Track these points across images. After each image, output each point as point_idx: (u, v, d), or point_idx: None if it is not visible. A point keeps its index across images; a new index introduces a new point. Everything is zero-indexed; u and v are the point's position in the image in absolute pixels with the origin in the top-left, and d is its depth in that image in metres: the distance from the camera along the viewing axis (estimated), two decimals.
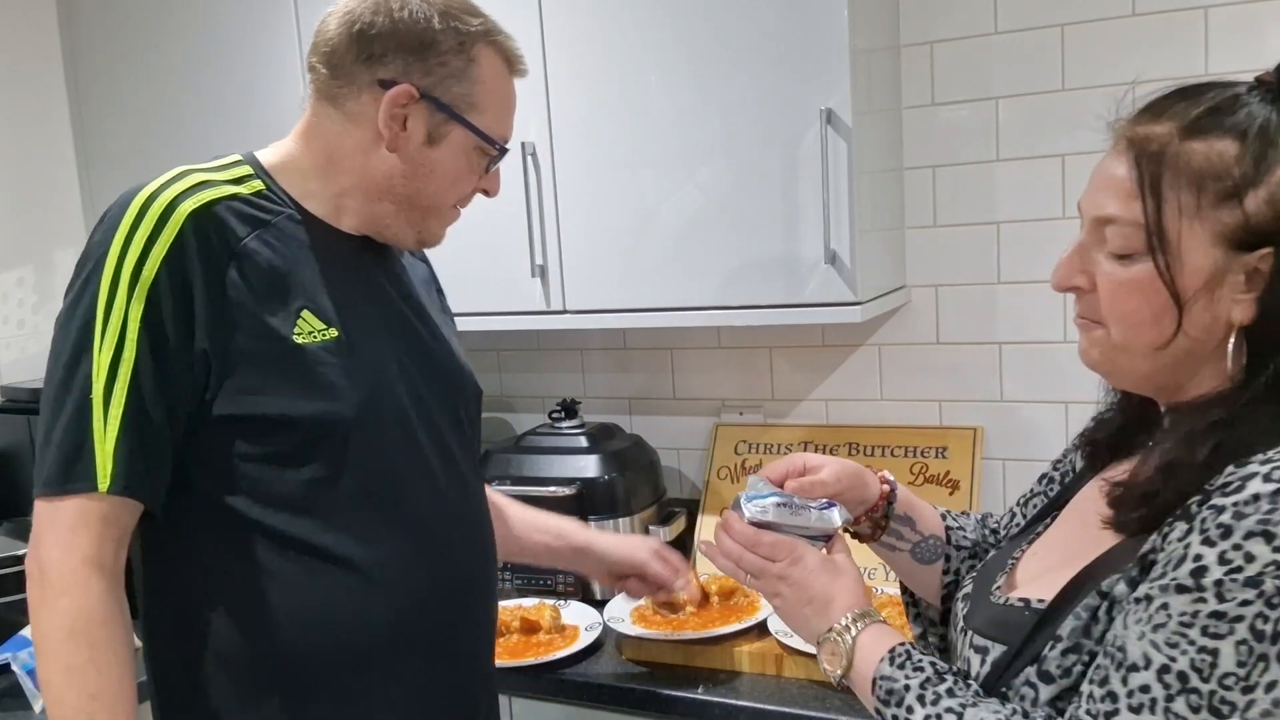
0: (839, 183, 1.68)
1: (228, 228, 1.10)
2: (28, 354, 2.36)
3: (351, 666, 1.15)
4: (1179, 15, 1.75)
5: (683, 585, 1.61)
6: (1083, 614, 0.83)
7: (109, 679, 1.03)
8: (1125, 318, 0.86)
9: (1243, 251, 0.81)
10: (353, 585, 1.14)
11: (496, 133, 1.19)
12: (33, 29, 2.38)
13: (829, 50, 1.66)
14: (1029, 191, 1.90)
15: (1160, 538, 0.80)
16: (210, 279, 1.07)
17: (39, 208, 2.39)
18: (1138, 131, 0.84)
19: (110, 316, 1.05)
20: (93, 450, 1.04)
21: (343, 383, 1.12)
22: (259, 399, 1.09)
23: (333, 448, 1.12)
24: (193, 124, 2.23)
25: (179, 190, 1.10)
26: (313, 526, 1.12)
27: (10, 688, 1.69)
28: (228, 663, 1.13)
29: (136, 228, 1.06)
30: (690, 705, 1.59)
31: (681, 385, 2.26)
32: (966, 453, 1.96)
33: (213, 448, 1.10)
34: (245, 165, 1.19)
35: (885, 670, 0.91)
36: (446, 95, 1.15)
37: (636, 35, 1.80)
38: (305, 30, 2.07)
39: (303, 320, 1.12)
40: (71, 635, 1.03)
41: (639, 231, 1.84)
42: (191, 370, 1.07)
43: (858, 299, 1.70)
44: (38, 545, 1.07)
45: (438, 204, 1.21)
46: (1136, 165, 0.83)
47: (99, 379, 1.04)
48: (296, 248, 1.15)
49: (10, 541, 1.92)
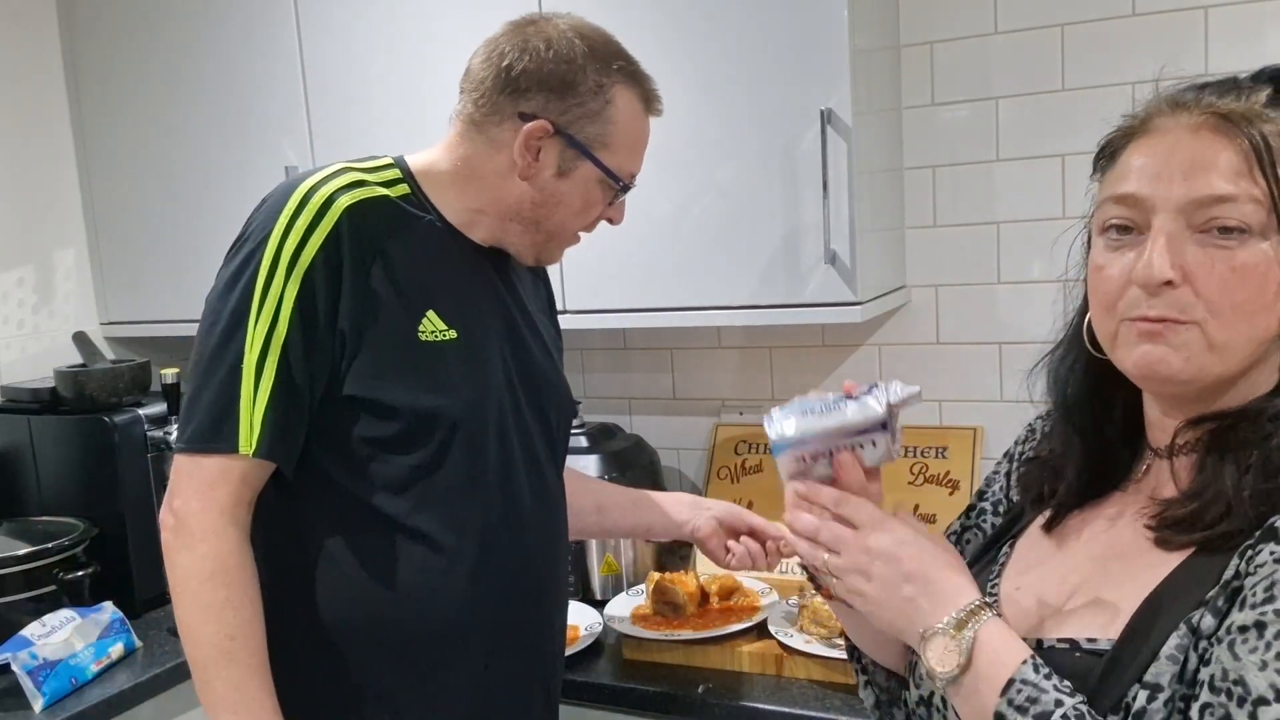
0: (839, 183, 1.68)
1: (377, 225, 1.20)
2: (28, 354, 2.35)
3: (425, 643, 1.23)
4: (1179, 15, 1.75)
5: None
6: (1179, 656, 0.74)
7: (244, 618, 1.13)
8: (1238, 308, 0.78)
9: None
10: (436, 567, 1.22)
11: (625, 170, 1.27)
12: (33, 30, 2.38)
13: (829, 50, 1.66)
14: (1029, 191, 1.90)
15: (1243, 561, 0.74)
16: (357, 269, 1.17)
17: (39, 208, 2.39)
18: (1220, 107, 0.79)
19: (268, 294, 1.14)
20: (238, 414, 1.13)
21: (455, 381, 1.22)
22: (380, 385, 1.18)
23: (439, 439, 1.21)
24: (193, 125, 2.23)
25: (338, 185, 1.19)
26: (408, 508, 1.21)
27: (10, 688, 1.69)
28: (312, 623, 1.21)
29: (298, 216, 1.15)
30: (690, 705, 1.59)
31: (681, 385, 2.26)
32: (966, 453, 1.96)
33: (334, 424, 1.19)
34: (396, 169, 1.26)
35: (1029, 675, 0.77)
36: (580, 133, 1.22)
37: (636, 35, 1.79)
38: (305, 30, 2.07)
39: (427, 320, 1.21)
40: (211, 578, 1.13)
41: (639, 231, 1.84)
42: (331, 349, 1.16)
43: (858, 299, 1.70)
44: (175, 496, 1.15)
45: (561, 231, 1.29)
46: (1246, 141, 0.77)
47: (252, 350, 1.14)
48: (431, 251, 1.24)
49: (10, 542, 1.92)
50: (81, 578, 1.91)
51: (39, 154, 2.39)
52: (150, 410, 2.08)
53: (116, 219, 2.40)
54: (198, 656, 1.13)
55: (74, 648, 1.74)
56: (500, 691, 1.29)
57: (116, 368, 2.15)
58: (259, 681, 1.14)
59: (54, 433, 2.10)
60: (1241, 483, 0.77)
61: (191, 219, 2.27)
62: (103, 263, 2.45)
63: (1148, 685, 0.75)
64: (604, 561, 1.98)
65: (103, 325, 2.48)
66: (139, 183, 2.34)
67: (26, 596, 1.85)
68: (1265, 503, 0.75)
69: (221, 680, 1.12)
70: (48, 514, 2.09)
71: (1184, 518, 0.79)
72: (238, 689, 1.12)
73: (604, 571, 1.98)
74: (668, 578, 1.81)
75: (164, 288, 2.34)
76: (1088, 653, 0.80)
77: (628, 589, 1.95)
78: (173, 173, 2.27)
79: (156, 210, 2.31)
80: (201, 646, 1.13)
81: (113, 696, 1.72)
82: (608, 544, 1.98)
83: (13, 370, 2.32)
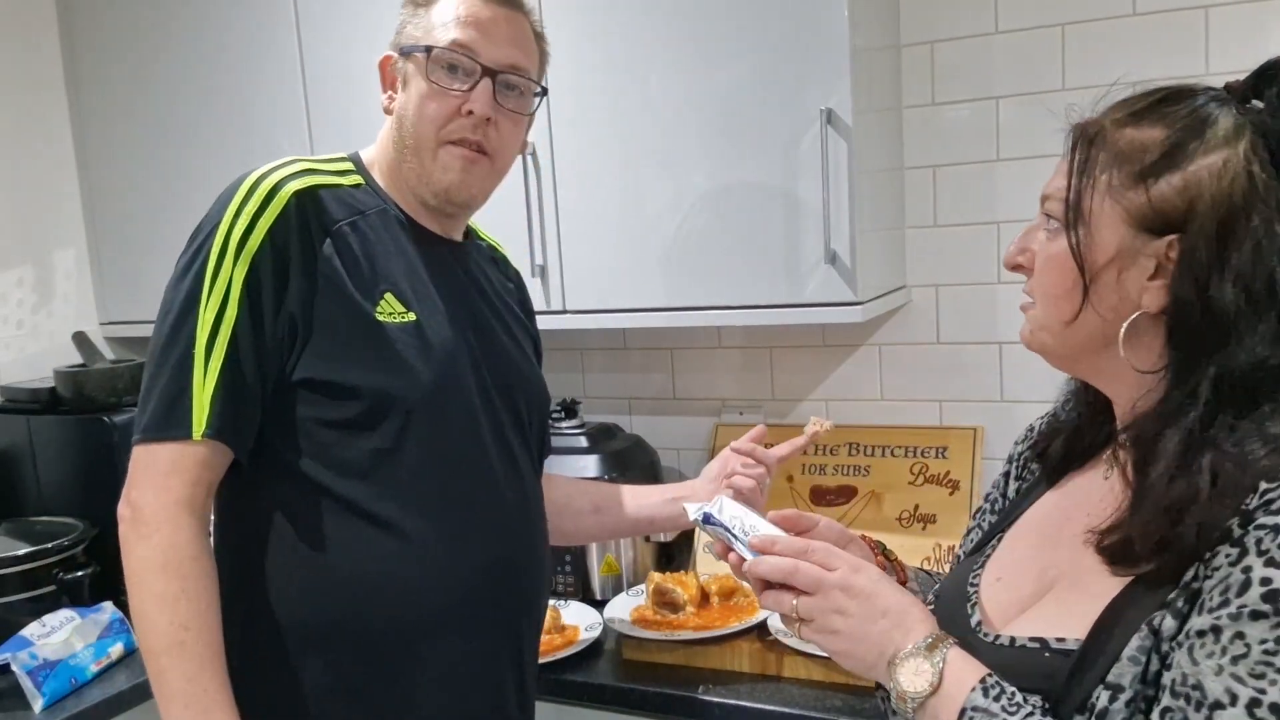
0: (839, 183, 1.68)
1: (326, 209, 1.20)
2: (27, 354, 2.35)
3: (395, 631, 1.20)
4: (1179, 15, 1.75)
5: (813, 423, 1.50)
6: (1140, 657, 0.77)
7: (198, 609, 1.12)
8: (1045, 292, 0.89)
9: (1151, 236, 0.82)
10: (404, 554, 1.20)
11: (438, 40, 1.23)
12: (33, 31, 2.38)
13: (829, 50, 1.66)
14: (1029, 191, 1.88)
15: (1202, 564, 0.76)
16: (305, 251, 1.17)
17: (39, 208, 2.39)
18: (1088, 118, 0.88)
19: (217, 278, 1.15)
20: (190, 400, 1.13)
21: (414, 362, 1.20)
22: (335, 365, 1.17)
23: (398, 421, 1.19)
24: (193, 125, 2.23)
25: (287, 173, 1.21)
26: (372, 493, 1.19)
27: (10, 688, 1.69)
28: (280, 617, 1.20)
29: (246, 202, 1.17)
30: (690, 705, 1.59)
31: (681, 385, 2.26)
32: (966, 453, 1.96)
33: (289, 409, 1.18)
34: (349, 162, 1.29)
35: (979, 701, 0.81)
36: (408, 40, 1.25)
37: (636, 35, 1.80)
38: (305, 30, 2.07)
39: (385, 301, 1.21)
40: (164, 568, 1.11)
41: (639, 231, 1.84)
42: (280, 332, 1.16)
43: (858, 299, 1.70)
44: (132, 488, 1.14)
45: (419, 141, 1.24)
46: (1074, 145, 0.87)
47: (202, 334, 1.14)
48: (385, 238, 1.24)
49: (10, 542, 1.92)
50: (81, 578, 1.91)
51: (39, 154, 2.39)
52: None
53: (116, 219, 2.40)
54: (151, 647, 1.11)
55: (74, 648, 1.74)
56: (473, 682, 1.27)
57: (116, 368, 2.15)
58: (212, 673, 1.11)
59: (53, 433, 2.10)
60: (1156, 521, 0.78)
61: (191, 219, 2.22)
62: (102, 263, 2.45)
63: (1110, 685, 0.77)
64: (604, 562, 1.98)
65: (102, 325, 2.48)
66: (139, 183, 2.33)
67: (26, 596, 1.85)
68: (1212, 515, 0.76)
69: (174, 672, 1.10)
70: (47, 514, 2.09)
71: (1113, 551, 0.82)
72: (190, 681, 1.10)
73: (604, 572, 1.98)
74: (668, 578, 1.81)
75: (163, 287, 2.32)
76: (1056, 652, 0.82)
77: (628, 589, 1.95)
78: (172, 173, 2.27)
79: (156, 210, 2.31)
80: (155, 637, 1.10)
81: (112, 697, 1.72)
82: (608, 544, 1.98)
83: (12, 370, 2.32)
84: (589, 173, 1.87)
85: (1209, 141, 0.81)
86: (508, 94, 1.25)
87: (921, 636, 0.85)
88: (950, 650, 0.84)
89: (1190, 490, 0.77)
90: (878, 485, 2.00)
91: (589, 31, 1.82)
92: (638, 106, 1.81)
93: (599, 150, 1.86)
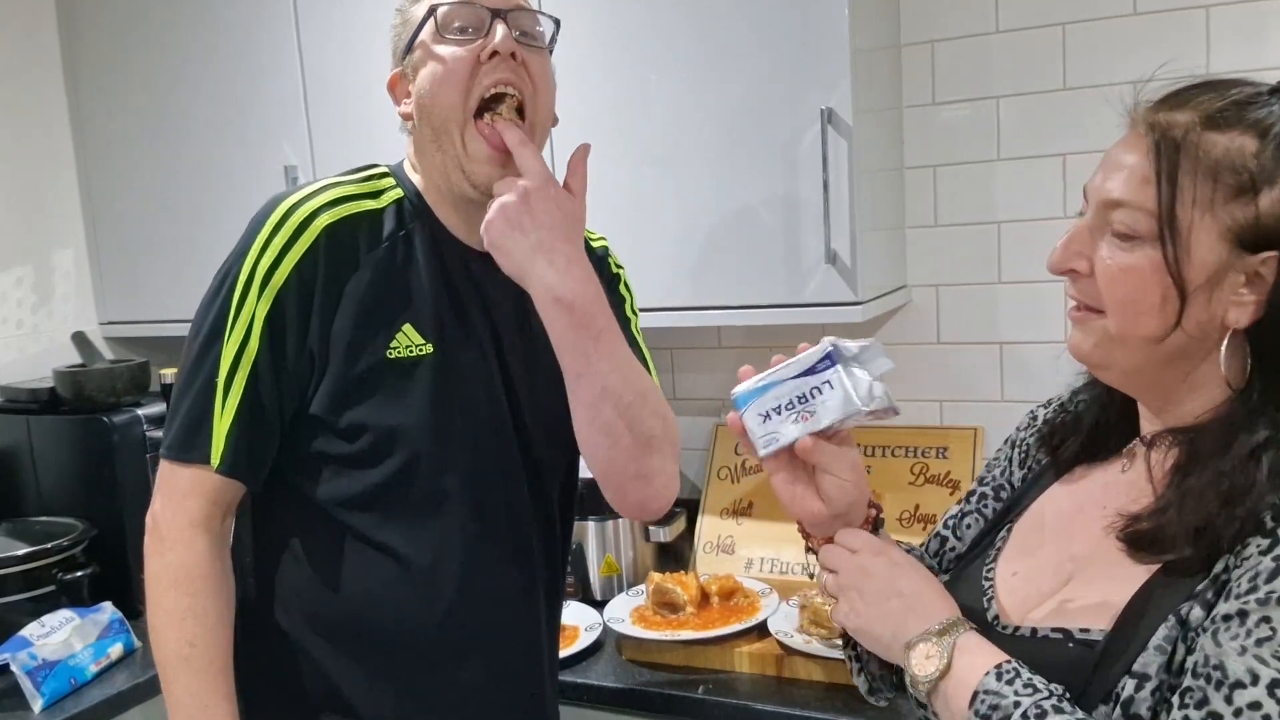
0: (839, 182, 1.68)
1: (357, 242, 1.17)
2: (27, 354, 2.35)
3: (390, 651, 1.21)
4: (1180, 14, 1.75)
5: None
6: (1166, 647, 0.77)
7: (205, 626, 1.14)
8: (1124, 305, 0.83)
9: (1247, 251, 0.79)
10: (406, 581, 1.20)
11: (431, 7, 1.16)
12: (32, 30, 2.37)
13: (829, 50, 1.66)
14: (1029, 191, 1.90)
15: (1232, 555, 0.77)
16: (330, 288, 1.15)
17: (39, 208, 2.39)
18: (1159, 118, 0.82)
19: (241, 311, 1.14)
20: (211, 427, 1.15)
21: (424, 399, 1.18)
22: (343, 406, 1.16)
23: (402, 458, 1.18)
24: (192, 125, 2.23)
25: (320, 203, 1.17)
26: (374, 522, 1.19)
27: (9, 688, 1.69)
28: (284, 631, 1.22)
29: (276, 233, 1.15)
30: (690, 705, 1.59)
31: (681, 385, 2.26)
32: (966, 453, 1.96)
33: (301, 441, 1.18)
34: (390, 176, 1.24)
35: (991, 684, 0.80)
36: (408, 36, 1.19)
37: (636, 35, 1.80)
38: (304, 30, 2.07)
39: (402, 334, 1.18)
40: (175, 585, 1.15)
41: (640, 231, 1.84)
42: (300, 370, 1.16)
43: (858, 299, 1.70)
44: (155, 500, 1.18)
45: (446, 121, 1.15)
46: (1155, 150, 0.80)
47: (224, 365, 1.14)
48: (418, 260, 1.20)
49: (10, 542, 1.91)
50: (80, 578, 1.91)
51: (38, 154, 2.39)
52: (149, 410, 2.07)
53: (116, 219, 2.40)
54: (160, 659, 1.15)
55: (73, 648, 1.74)
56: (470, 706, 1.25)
57: (115, 368, 2.15)
58: (214, 688, 1.14)
59: (53, 433, 2.10)
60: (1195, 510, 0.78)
61: (191, 219, 2.26)
62: (101, 263, 2.45)
63: (1136, 674, 0.77)
64: (604, 562, 1.98)
65: (101, 325, 2.47)
66: (138, 183, 2.33)
67: (25, 597, 1.85)
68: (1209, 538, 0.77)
69: (179, 684, 1.14)
70: (47, 514, 2.09)
71: (1143, 537, 0.82)
72: (193, 695, 1.14)
73: (604, 572, 1.98)
74: (668, 578, 1.81)
75: (163, 288, 2.33)
76: (1080, 643, 0.82)
77: (628, 589, 1.95)
78: (172, 173, 2.27)
79: (156, 210, 2.31)
80: (163, 650, 1.15)
81: (112, 697, 1.72)
82: (608, 544, 1.98)
83: (12, 370, 2.31)
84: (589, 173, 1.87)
85: None
86: (521, 35, 1.17)
87: (936, 620, 0.86)
88: (964, 635, 0.84)
89: (1247, 481, 0.77)
90: (878, 485, 2.00)
91: (589, 31, 1.82)
92: (638, 106, 1.81)
93: (599, 150, 1.84)
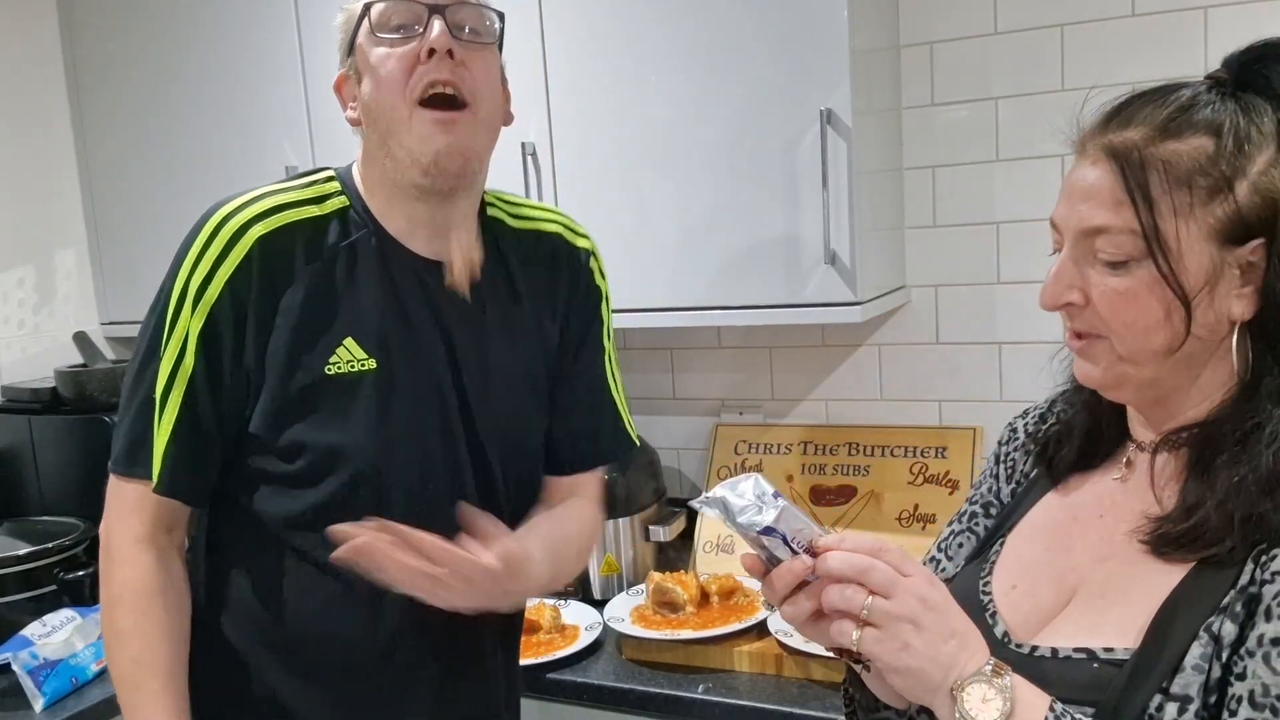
0: (839, 183, 1.68)
1: (293, 253, 1.13)
2: (27, 354, 2.36)
3: (336, 671, 1.20)
4: (1179, 15, 1.75)
5: None
6: (1204, 665, 0.75)
7: (148, 644, 1.13)
8: (1130, 326, 0.82)
9: (1234, 245, 0.80)
10: (347, 602, 1.17)
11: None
12: (33, 30, 2.38)
13: (829, 50, 1.66)
14: (1029, 191, 1.90)
15: (1258, 566, 0.76)
16: (264, 303, 1.11)
17: (39, 208, 2.39)
18: (1111, 140, 0.83)
19: (175, 327, 1.12)
20: (152, 444, 1.13)
21: (366, 417, 1.14)
22: (281, 424, 1.13)
23: (343, 478, 1.14)
24: (193, 125, 2.23)
25: (254, 213, 1.13)
26: (316, 542, 1.12)
27: (10, 687, 1.69)
28: (230, 644, 1.20)
29: (208, 247, 1.12)
30: (690, 705, 1.59)
31: (681, 385, 2.26)
32: (966, 453, 1.96)
33: (241, 459, 1.16)
34: (335, 181, 1.19)
35: None
36: (348, 38, 1.17)
37: (636, 35, 1.80)
38: (305, 30, 2.07)
39: (343, 349, 1.14)
40: (119, 603, 1.14)
41: (639, 231, 1.84)
42: (237, 386, 1.13)
43: (858, 299, 1.71)
44: (105, 515, 1.17)
45: (392, 117, 1.11)
46: (1121, 173, 0.81)
47: (160, 383, 1.12)
48: (361, 271, 1.16)
49: (11, 541, 1.92)
50: (82, 577, 1.91)
51: (39, 154, 2.39)
52: None
53: (116, 219, 2.40)
54: (112, 675, 1.16)
55: (74, 647, 1.74)
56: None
57: (117, 368, 2.15)
58: (160, 706, 1.12)
59: (54, 433, 2.10)
60: (1234, 500, 0.78)
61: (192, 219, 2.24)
62: (103, 263, 2.45)
63: (1176, 697, 0.75)
64: (604, 561, 1.98)
65: (103, 325, 2.48)
66: (139, 183, 2.34)
67: (27, 596, 1.85)
68: (1259, 528, 0.76)
69: (125, 702, 1.14)
70: (48, 514, 2.09)
71: (1180, 537, 0.80)
72: (134, 711, 1.13)
73: (604, 572, 1.98)
74: (668, 577, 1.81)
75: None
76: (1106, 663, 0.80)
77: (628, 589, 1.95)
78: (173, 173, 2.27)
79: (156, 210, 2.31)
80: (112, 668, 1.15)
81: (113, 696, 1.69)
82: (608, 543, 1.98)
83: (13, 370, 2.32)
84: (589, 173, 1.88)
85: (1255, 140, 0.81)
86: (462, 31, 1.12)
87: (982, 661, 0.79)
88: (1013, 676, 0.79)
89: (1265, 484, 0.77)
90: (877, 485, 2.00)
91: (589, 31, 1.83)
92: (638, 106, 1.81)
93: (599, 150, 1.86)
